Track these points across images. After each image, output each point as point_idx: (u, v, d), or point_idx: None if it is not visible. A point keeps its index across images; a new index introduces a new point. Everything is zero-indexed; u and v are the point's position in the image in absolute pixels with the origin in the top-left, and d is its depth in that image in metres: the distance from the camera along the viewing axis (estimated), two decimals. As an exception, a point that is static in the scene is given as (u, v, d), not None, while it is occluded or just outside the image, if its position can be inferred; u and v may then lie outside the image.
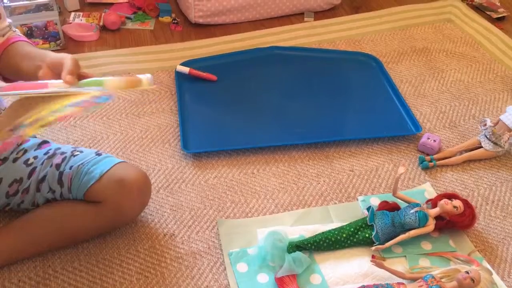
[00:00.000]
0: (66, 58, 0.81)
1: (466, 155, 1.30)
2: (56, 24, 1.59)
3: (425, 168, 1.28)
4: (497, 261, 1.08)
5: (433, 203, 1.11)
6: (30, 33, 1.58)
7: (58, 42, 1.61)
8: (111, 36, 1.71)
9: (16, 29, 1.03)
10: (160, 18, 1.80)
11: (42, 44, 1.60)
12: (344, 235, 1.06)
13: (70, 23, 1.71)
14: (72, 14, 1.76)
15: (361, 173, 1.26)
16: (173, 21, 1.79)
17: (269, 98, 1.48)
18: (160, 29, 1.76)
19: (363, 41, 1.73)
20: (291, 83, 1.54)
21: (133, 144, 1.31)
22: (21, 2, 1.54)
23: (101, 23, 1.73)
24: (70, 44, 1.65)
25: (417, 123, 1.38)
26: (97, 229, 1.04)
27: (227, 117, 1.41)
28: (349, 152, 1.32)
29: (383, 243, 1.05)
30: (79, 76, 0.81)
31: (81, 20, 1.73)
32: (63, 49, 1.62)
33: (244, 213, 1.15)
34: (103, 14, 1.76)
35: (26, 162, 1.04)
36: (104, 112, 1.40)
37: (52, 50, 1.59)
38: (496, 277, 1.02)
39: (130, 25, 1.77)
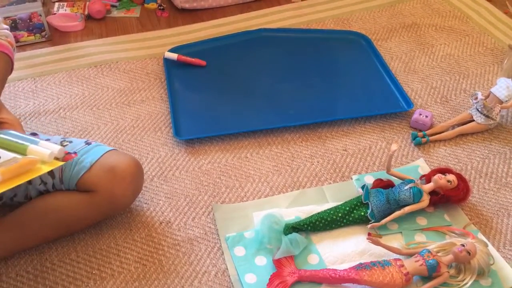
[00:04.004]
0: None
1: (458, 129, 1.30)
2: (41, 15, 1.56)
3: (418, 144, 1.28)
4: (492, 233, 1.08)
5: (427, 178, 1.11)
6: (14, 26, 1.56)
7: (43, 33, 1.59)
8: (97, 25, 1.69)
9: (3, 31, 1.00)
10: (145, 5, 1.77)
11: (28, 36, 1.58)
12: (340, 215, 1.06)
13: (55, 13, 1.69)
14: (56, 4, 1.73)
15: (354, 152, 1.26)
16: (159, 7, 1.77)
17: (259, 81, 1.47)
18: (146, 16, 1.74)
19: (351, 19, 1.72)
20: (281, 65, 1.53)
21: (124, 134, 1.30)
22: (3, -5, 1.52)
23: (86, 12, 1.71)
24: (56, 35, 1.63)
25: (408, 99, 1.37)
26: (92, 218, 1.04)
27: (218, 102, 1.40)
28: (342, 131, 1.32)
29: (378, 221, 1.05)
30: None
31: (65, 10, 1.71)
32: (48, 40, 1.60)
33: (239, 197, 1.15)
34: (87, 3, 1.73)
35: (16, 155, 1.03)
36: (94, 103, 1.38)
37: (38, 42, 1.59)
38: (491, 249, 1.03)
39: (115, 13, 1.75)
